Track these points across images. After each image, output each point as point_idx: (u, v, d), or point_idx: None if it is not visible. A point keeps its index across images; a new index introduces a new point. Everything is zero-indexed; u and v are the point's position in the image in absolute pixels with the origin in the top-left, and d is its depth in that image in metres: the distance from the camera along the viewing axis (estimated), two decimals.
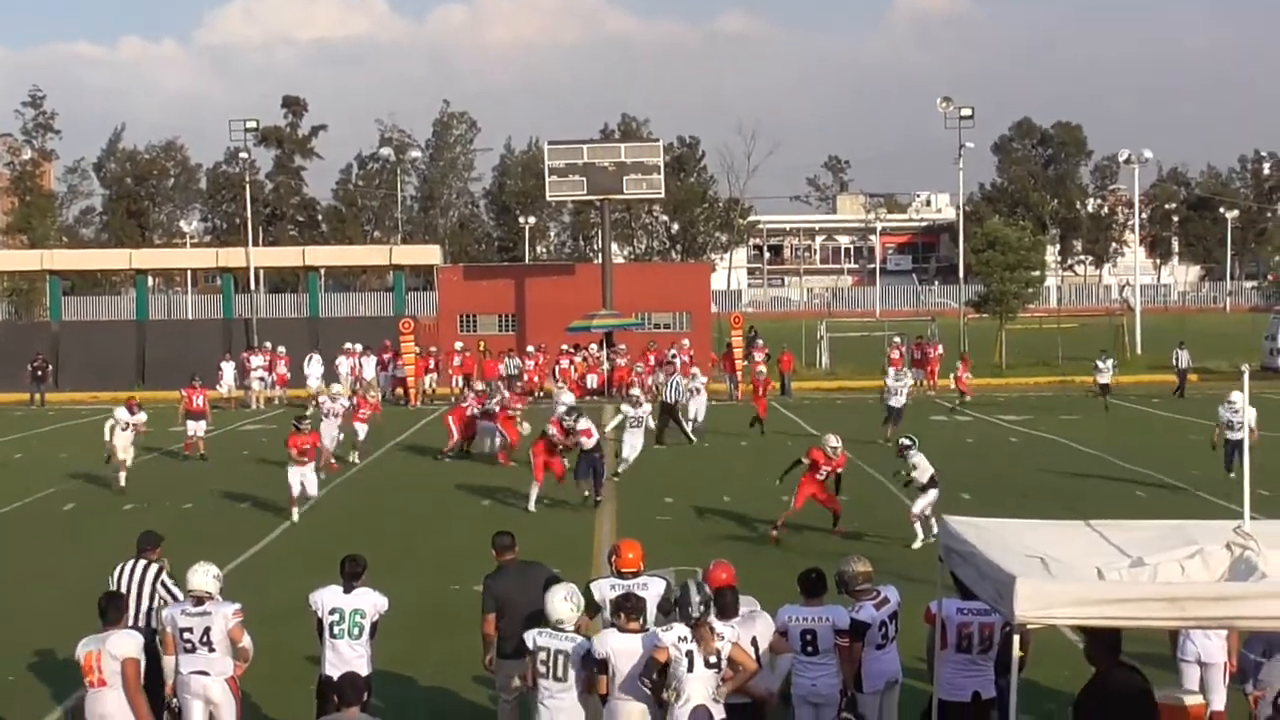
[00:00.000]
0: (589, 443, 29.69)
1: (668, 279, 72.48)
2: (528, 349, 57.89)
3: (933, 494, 25.23)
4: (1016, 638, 10.40)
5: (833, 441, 26.38)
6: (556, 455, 30.13)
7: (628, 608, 12.89)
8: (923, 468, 25.39)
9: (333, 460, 35.47)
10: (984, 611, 12.88)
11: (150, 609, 15.31)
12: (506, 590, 14.48)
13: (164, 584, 15.35)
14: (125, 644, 12.79)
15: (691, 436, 41.17)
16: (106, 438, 33.75)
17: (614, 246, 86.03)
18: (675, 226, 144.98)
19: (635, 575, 14.12)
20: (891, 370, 44.01)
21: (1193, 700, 12.93)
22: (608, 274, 63.27)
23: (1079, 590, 10.18)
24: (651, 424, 34.60)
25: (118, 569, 15.49)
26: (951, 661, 13.16)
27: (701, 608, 12.61)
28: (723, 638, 12.41)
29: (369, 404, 39.06)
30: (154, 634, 14.79)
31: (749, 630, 12.98)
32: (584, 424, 29.95)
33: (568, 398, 38.30)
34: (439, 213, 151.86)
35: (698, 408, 43.24)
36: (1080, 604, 10.04)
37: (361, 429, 38.20)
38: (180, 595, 15.20)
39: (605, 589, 13.97)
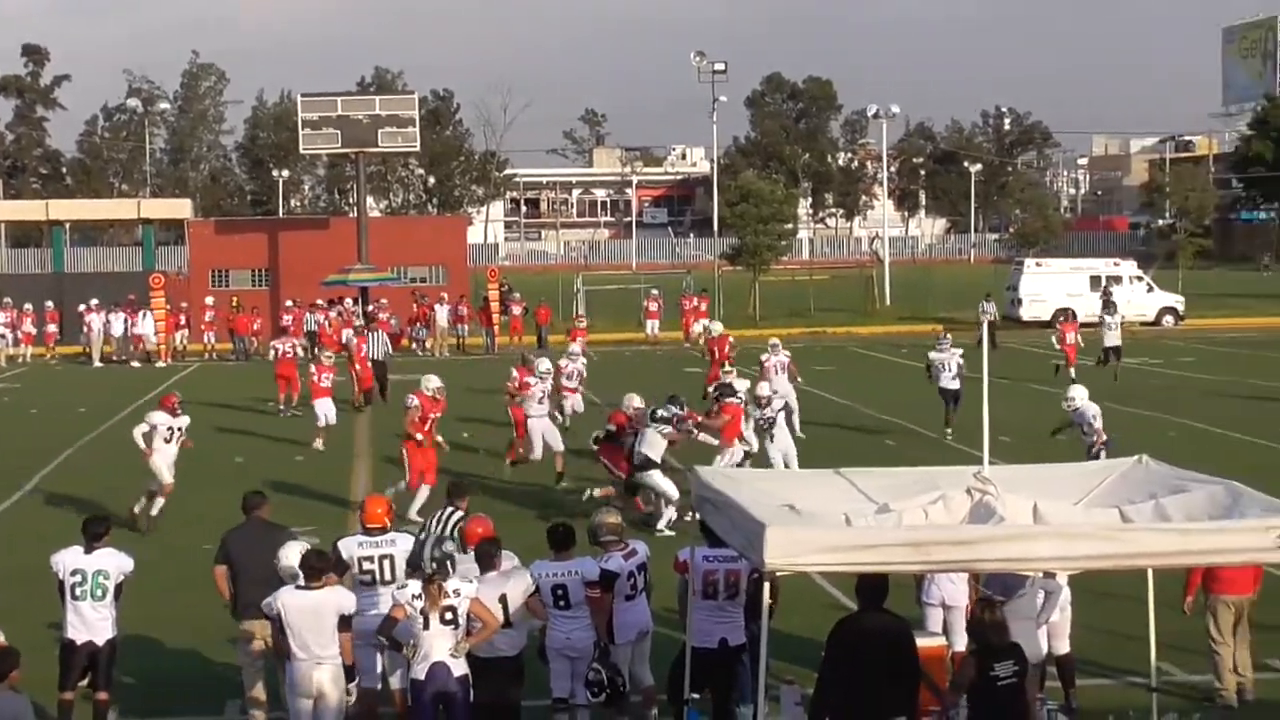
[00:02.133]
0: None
1: (424, 233, 72.09)
2: (286, 303, 57.01)
3: (656, 475, 22.70)
4: (767, 585, 10.53)
5: (636, 402, 24.42)
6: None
7: (307, 567, 12.85)
8: (655, 445, 22.74)
9: None
10: (730, 559, 13.01)
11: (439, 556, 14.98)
12: (240, 546, 14.43)
13: (459, 529, 15.05)
14: None
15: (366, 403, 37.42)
16: (146, 453, 24.30)
17: (369, 200, 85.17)
18: (431, 180, 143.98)
19: (383, 531, 14.18)
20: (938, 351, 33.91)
21: (935, 642, 13.21)
22: (363, 228, 62.64)
23: (827, 537, 10.35)
24: (785, 421, 26.73)
25: (433, 517, 15.60)
26: (700, 609, 13.34)
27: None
28: (457, 593, 12.41)
29: (326, 368, 33.88)
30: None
31: (498, 588, 13.02)
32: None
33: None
34: (189, 166, 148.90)
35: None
36: (828, 550, 10.21)
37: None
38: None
39: (353, 546, 14.02)
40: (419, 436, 24.58)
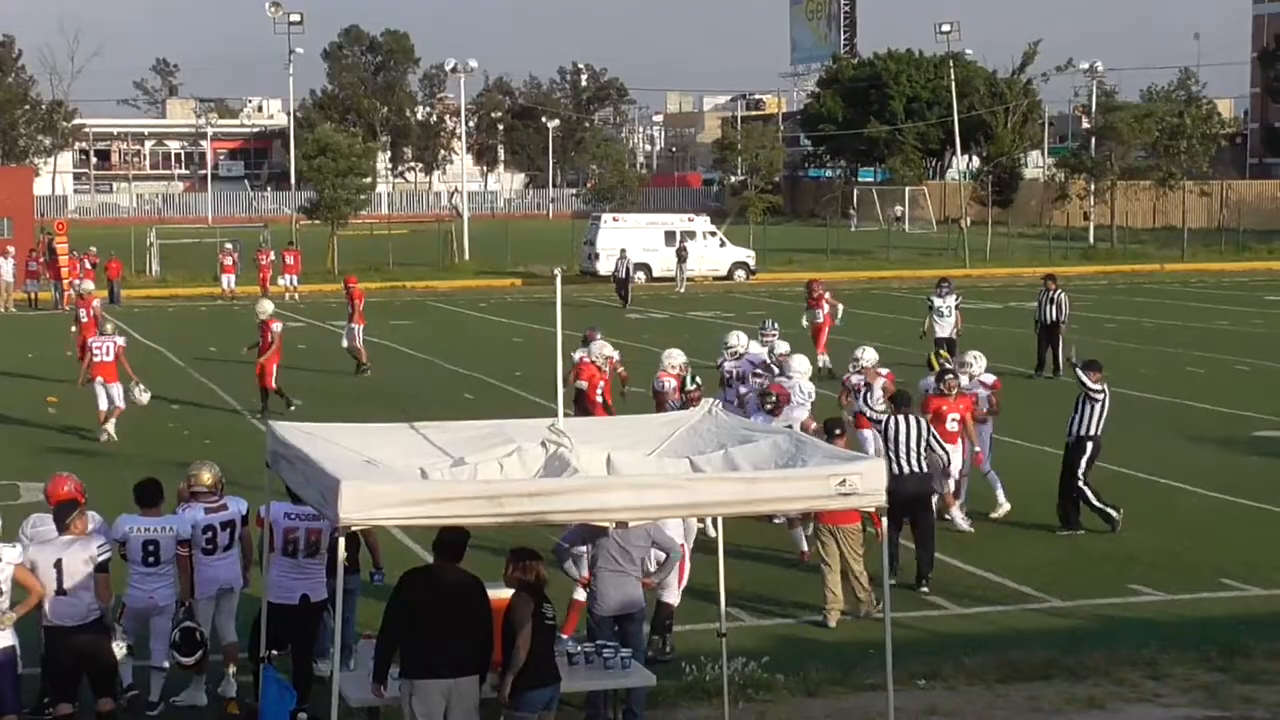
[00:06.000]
0: None
1: None
2: None
3: None
4: (342, 540, 10.50)
5: (679, 358, 22.20)
6: None
7: None
8: None
9: None
10: (311, 517, 12.94)
11: None
12: None
13: None
14: None
15: None
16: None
17: None
18: None
19: None
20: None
21: (504, 593, 13.40)
22: None
23: (402, 491, 10.34)
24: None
25: None
26: (278, 565, 13.29)
27: None
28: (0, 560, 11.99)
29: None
30: None
31: (56, 553, 12.44)
32: None
33: None
34: None
35: None
36: (404, 504, 10.20)
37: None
38: None
39: None
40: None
